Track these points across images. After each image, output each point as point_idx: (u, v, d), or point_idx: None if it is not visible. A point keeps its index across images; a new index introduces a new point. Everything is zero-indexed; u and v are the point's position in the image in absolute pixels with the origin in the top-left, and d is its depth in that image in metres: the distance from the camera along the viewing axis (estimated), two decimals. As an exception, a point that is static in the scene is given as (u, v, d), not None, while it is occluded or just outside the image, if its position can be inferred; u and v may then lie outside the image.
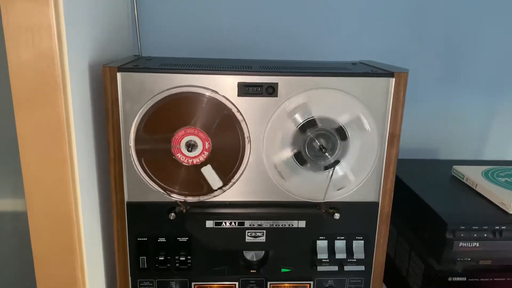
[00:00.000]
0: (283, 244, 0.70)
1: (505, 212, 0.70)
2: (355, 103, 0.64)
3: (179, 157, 0.63)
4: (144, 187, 0.65)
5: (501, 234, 0.67)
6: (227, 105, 0.62)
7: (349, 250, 0.70)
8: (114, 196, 0.65)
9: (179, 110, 0.62)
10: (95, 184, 0.65)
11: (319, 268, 0.70)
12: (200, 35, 0.96)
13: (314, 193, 0.67)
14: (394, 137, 0.66)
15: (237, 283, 0.72)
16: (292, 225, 0.68)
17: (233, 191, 0.67)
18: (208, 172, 0.64)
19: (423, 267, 0.73)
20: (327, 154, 0.64)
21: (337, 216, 0.67)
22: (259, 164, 0.66)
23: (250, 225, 0.68)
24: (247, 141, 0.64)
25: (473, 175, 0.82)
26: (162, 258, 0.69)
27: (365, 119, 0.64)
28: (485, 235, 0.67)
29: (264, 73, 0.62)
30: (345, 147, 0.65)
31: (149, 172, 0.64)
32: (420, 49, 1.01)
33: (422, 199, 0.75)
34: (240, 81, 0.62)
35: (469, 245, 0.67)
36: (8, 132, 0.55)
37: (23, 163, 0.52)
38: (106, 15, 0.73)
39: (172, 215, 0.66)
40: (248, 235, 0.69)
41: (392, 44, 1.00)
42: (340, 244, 0.70)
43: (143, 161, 0.64)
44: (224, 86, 0.62)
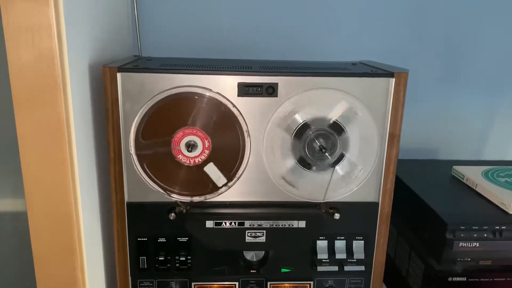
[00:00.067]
0: (283, 244, 0.70)
1: (505, 212, 0.71)
2: (354, 102, 0.64)
3: (180, 158, 0.63)
4: (144, 187, 0.65)
5: (501, 234, 0.67)
6: (227, 105, 0.62)
7: (349, 250, 0.70)
8: (114, 196, 0.65)
9: (179, 110, 0.62)
10: (95, 184, 0.65)
11: (319, 268, 0.70)
12: (200, 35, 0.96)
13: (315, 193, 0.67)
14: (394, 137, 0.66)
15: (237, 283, 0.72)
16: (292, 225, 0.68)
17: (233, 191, 0.67)
18: (211, 170, 0.64)
19: (423, 267, 0.73)
20: (327, 154, 0.64)
21: (337, 216, 0.67)
22: (259, 164, 0.65)
23: (250, 225, 0.68)
24: (247, 141, 0.64)
25: (473, 175, 0.82)
26: (162, 258, 0.69)
27: (353, 105, 0.64)
28: (485, 235, 0.67)
29: (264, 73, 0.62)
30: (345, 140, 0.65)
31: (149, 172, 0.64)
32: (420, 49, 1.01)
33: (422, 199, 0.75)
34: (240, 81, 0.62)
35: (469, 245, 0.67)
36: (8, 132, 0.55)
37: (23, 163, 0.52)
38: (106, 15, 0.73)
39: (172, 215, 0.66)
40: (248, 235, 0.69)
41: (392, 44, 1.00)
42: (340, 244, 0.70)
43: (144, 162, 0.64)
44: (224, 86, 0.62)
